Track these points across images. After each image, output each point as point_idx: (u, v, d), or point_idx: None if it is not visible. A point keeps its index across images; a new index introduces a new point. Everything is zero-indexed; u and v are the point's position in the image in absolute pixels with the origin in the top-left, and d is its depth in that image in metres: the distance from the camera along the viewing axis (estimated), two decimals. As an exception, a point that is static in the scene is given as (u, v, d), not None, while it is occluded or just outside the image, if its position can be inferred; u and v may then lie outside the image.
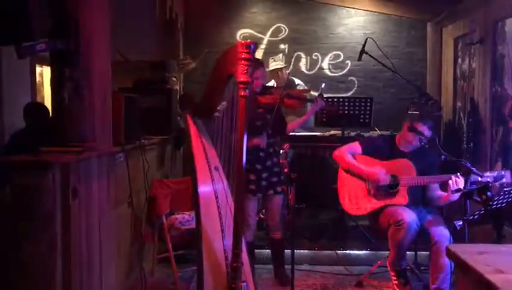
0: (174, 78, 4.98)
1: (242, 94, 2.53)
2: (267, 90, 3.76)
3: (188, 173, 3.41)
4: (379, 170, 3.41)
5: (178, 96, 4.67)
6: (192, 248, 3.18)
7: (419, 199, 3.47)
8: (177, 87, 5.30)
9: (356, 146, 3.59)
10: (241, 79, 2.51)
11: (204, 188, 2.99)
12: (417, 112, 3.49)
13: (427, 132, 3.35)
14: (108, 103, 2.86)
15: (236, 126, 2.60)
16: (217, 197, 3.02)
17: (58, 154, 2.40)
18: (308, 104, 3.95)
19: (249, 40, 2.49)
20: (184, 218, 3.72)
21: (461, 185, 3.04)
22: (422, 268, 3.86)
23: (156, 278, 3.81)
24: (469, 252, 1.51)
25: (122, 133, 3.09)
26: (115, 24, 3.07)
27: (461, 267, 1.49)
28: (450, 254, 1.58)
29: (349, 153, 3.56)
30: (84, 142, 2.58)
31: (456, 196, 3.14)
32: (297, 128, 3.99)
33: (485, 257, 1.49)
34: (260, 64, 3.70)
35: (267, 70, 4.98)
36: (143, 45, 5.17)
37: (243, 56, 2.49)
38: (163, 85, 4.53)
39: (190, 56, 5.63)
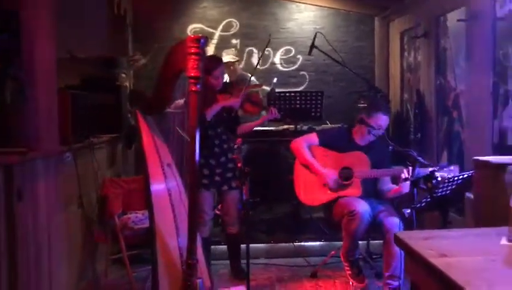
0: (123, 75, 4.88)
1: (193, 89, 2.51)
2: (226, 89, 3.73)
3: (141, 172, 3.37)
4: (329, 174, 3.47)
5: (128, 92, 4.58)
6: (146, 247, 3.13)
7: (372, 190, 3.55)
8: (127, 84, 5.19)
9: (313, 137, 3.63)
10: (192, 74, 2.49)
11: (156, 186, 2.95)
12: (365, 105, 3.56)
13: (385, 122, 3.43)
14: (53, 101, 2.76)
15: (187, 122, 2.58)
16: (170, 194, 2.99)
17: (1, 156, 2.30)
18: (264, 112, 3.94)
19: (199, 35, 2.47)
20: (137, 217, 3.66)
21: (409, 174, 3.14)
22: (374, 257, 3.98)
23: (110, 279, 3.73)
24: (415, 238, 1.57)
25: (69, 131, 3.00)
26: (61, 21, 2.97)
27: (408, 253, 1.54)
28: (398, 241, 1.63)
29: (306, 144, 3.58)
30: (28, 142, 2.48)
31: (407, 188, 3.22)
32: (247, 131, 3.97)
33: (429, 242, 1.54)
34: (219, 62, 3.67)
35: None
36: (91, 42, 5.03)
37: (192, 51, 2.47)
38: (112, 82, 4.43)
39: (140, 52, 5.53)
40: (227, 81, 5.04)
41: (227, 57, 5.27)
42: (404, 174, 3.18)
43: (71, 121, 3.07)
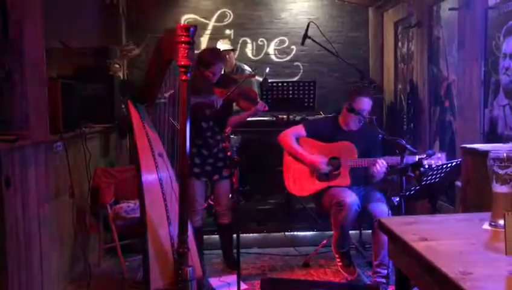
0: (117, 65, 4.86)
1: (183, 78, 2.52)
2: (222, 80, 3.71)
3: (134, 161, 3.38)
4: (320, 159, 3.47)
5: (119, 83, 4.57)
6: (139, 236, 3.15)
7: (361, 179, 3.55)
8: (121, 74, 5.18)
9: (300, 129, 3.63)
10: (182, 63, 2.50)
11: (148, 176, 2.96)
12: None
13: (368, 104, 3.43)
14: (43, 90, 2.76)
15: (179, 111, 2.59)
16: (161, 184, 3.00)
17: (-10, 143, 2.30)
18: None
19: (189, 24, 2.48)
20: (129, 207, 3.67)
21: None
22: (366, 246, 4.00)
23: (102, 268, 3.75)
24: (398, 223, 1.58)
25: (60, 121, 3.00)
26: (54, 10, 2.96)
27: (390, 237, 1.56)
28: (381, 226, 1.64)
29: (294, 136, 3.59)
30: (17, 129, 2.49)
31: None
32: (236, 124, 3.96)
33: (413, 227, 1.56)
34: (218, 58, 3.59)
35: None
36: (84, 32, 5.01)
37: (182, 39, 2.48)
38: (105, 72, 4.42)
39: (133, 42, 5.51)
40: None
41: (222, 46, 5.26)
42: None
43: (62, 111, 3.07)
